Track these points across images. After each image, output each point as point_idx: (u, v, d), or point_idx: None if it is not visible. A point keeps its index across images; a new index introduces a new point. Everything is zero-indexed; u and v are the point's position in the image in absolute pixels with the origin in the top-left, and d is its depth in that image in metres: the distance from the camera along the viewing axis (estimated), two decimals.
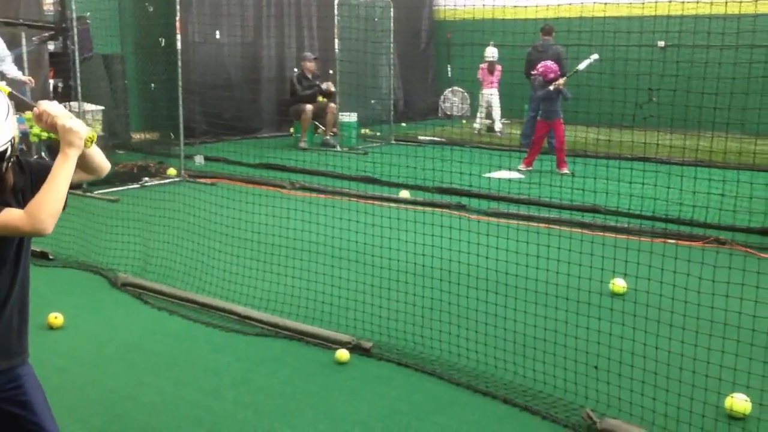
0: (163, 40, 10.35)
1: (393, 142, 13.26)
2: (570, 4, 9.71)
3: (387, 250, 5.72)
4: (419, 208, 7.79)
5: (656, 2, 6.61)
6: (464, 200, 8.35)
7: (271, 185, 9.23)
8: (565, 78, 10.13)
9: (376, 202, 8.08)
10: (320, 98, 12.82)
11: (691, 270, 4.46)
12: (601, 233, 6.73)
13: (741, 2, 5.13)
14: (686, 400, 3.65)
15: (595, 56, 10.00)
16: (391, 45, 13.73)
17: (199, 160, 10.75)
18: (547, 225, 7.10)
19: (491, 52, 14.17)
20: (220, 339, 4.68)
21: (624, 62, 8.40)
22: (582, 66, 10.02)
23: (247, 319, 4.88)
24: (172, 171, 9.89)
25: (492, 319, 4.60)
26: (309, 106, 12.56)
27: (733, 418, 3.62)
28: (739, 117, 7.18)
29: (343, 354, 4.30)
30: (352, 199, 8.28)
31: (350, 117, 12.72)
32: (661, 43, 13.95)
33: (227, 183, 9.32)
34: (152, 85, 11.45)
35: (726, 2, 5.18)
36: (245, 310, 4.99)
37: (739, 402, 3.62)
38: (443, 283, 5.12)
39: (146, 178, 9.59)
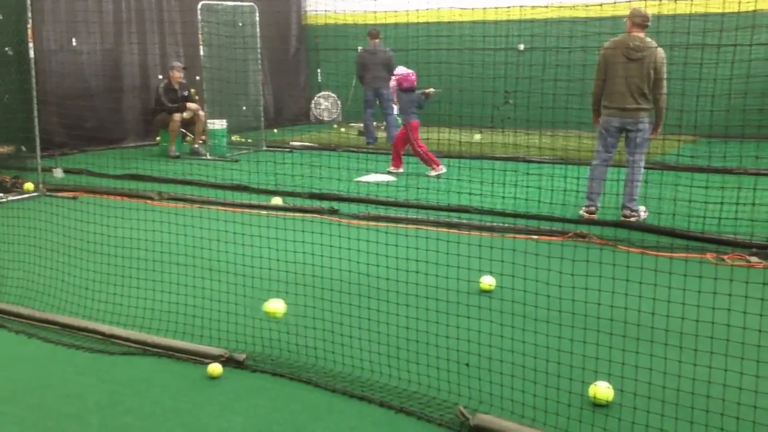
0: (10, 49, 9.78)
1: (264, 148, 13.12)
2: (432, 9, 9.92)
3: (259, 259, 5.63)
4: (292, 214, 7.74)
5: (508, 7, 6.83)
6: (336, 205, 8.35)
7: (138, 197, 8.92)
8: (429, 91, 10.32)
9: (247, 211, 7.96)
10: (188, 106, 12.53)
11: (554, 264, 4.63)
12: (471, 233, 6.91)
13: (588, 6, 5.37)
14: (553, 390, 3.77)
15: (436, 90, 10.27)
16: (259, 50, 13.58)
17: (58, 173, 10.26)
18: (417, 226, 7.20)
19: None
20: (84, 361, 4.46)
21: (483, 66, 8.65)
22: (430, 90, 10.29)
23: (112, 338, 4.68)
24: (29, 186, 9.38)
25: (366, 323, 4.61)
26: (177, 115, 12.26)
27: (597, 405, 3.76)
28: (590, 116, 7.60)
29: (215, 368, 4.20)
30: (222, 208, 8.12)
31: (219, 124, 12.48)
32: (522, 47, 14.52)
33: (90, 196, 8.93)
34: (6, 96, 10.82)
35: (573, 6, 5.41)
36: (110, 328, 4.78)
37: (602, 390, 3.78)
38: (316, 289, 5.09)
39: (0, 194, 9.04)
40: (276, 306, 4.71)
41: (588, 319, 4.28)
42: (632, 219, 7.40)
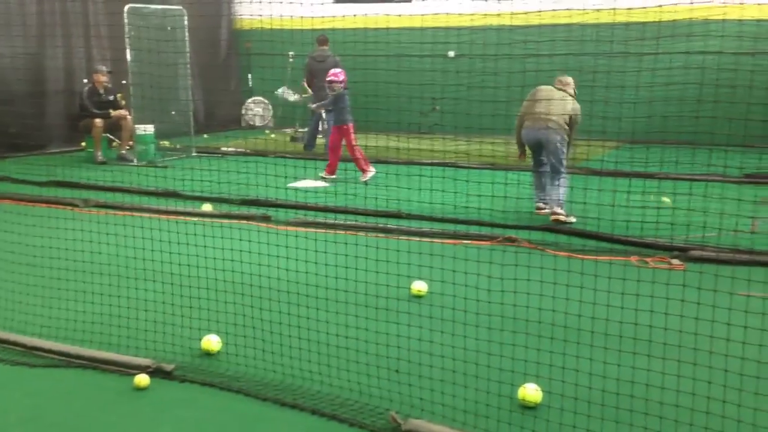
0: None
1: (194, 154, 12.92)
2: (365, 15, 9.96)
3: (188, 267, 5.53)
4: (223, 221, 7.64)
5: (431, 14, 6.90)
6: (269, 211, 8.28)
7: (62, 204, 8.67)
8: (324, 103, 10.34)
9: (177, 217, 7.82)
10: (114, 111, 12.26)
11: (484, 269, 4.68)
12: (402, 238, 6.94)
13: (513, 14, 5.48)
14: (483, 393, 3.82)
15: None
16: (188, 54, 13.38)
17: None
18: (350, 232, 7.20)
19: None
20: (5, 374, 4.31)
21: (411, 72, 8.73)
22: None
23: (34, 350, 4.53)
24: None
25: (297, 330, 4.58)
26: (99, 120, 11.96)
27: (526, 407, 3.82)
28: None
29: (142, 379, 4.11)
30: (150, 215, 7.96)
31: (147, 129, 12.24)
32: (452, 53, 14.68)
33: (11, 204, 8.65)
34: None
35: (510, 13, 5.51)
36: (32, 340, 4.63)
37: (530, 392, 3.84)
38: (246, 297, 5.04)
39: None
40: (210, 341, 4.62)
41: (517, 322, 4.35)
42: (560, 220, 7.61)
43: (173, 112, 13.33)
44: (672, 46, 10.82)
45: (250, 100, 17.13)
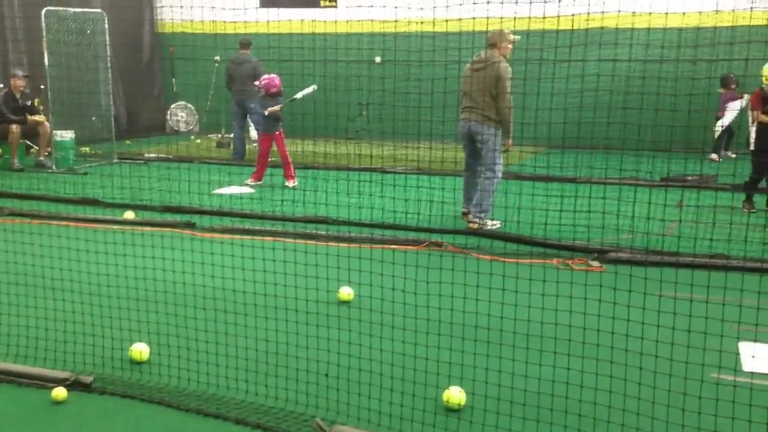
0: None
1: (116, 160, 12.63)
2: (289, 20, 9.94)
3: (108, 277, 5.40)
4: (145, 228, 7.49)
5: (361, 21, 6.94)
6: (193, 218, 8.16)
7: None
8: (281, 105, 10.28)
9: (97, 226, 7.62)
10: (31, 117, 11.88)
11: (410, 273, 4.72)
12: (329, 243, 6.94)
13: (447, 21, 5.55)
14: (408, 397, 3.85)
15: (313, 87, 10.31)
16: (109, 58, 13.08)
17: None
18: (276, 239, 7.14)
19: None
20: None
21: (337, 78, 8.74)
22: (299, 95, 10.27)
23: None
24: None
25: (223, 338, 4.53)
26: (15, 126, 11.57)
27: (451, 410, 3.86)
28: (450, 128, 7.81)
29: (60, 392, 3.98)
30: (69, 223, 7.75)
31: (66, 135, 11.90)
32: (378, 59, 14.75)
33: None
34: None
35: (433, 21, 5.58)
36: None
37: (454, 394, 3.88)
38: (169, 305, 4.96)
39: None
40: (141, 349, 4.52)
41: (442, 325, 4.38)
42: (474, 225, 7.67)
43: (93, 118, 13.01)
44: (587, 53, 11.13)
45: (174, 105, 16.86)
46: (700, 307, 4.07)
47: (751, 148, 8.66)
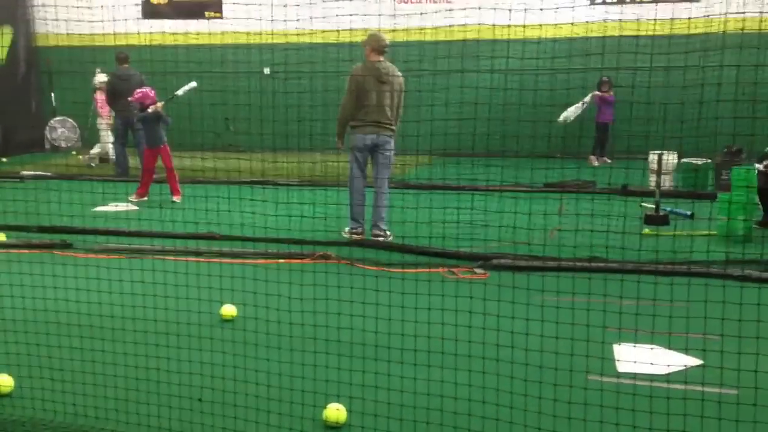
0: None
1: None
2: (174, 32, 9.70)
3: None
4: (19, 251, 7.14)
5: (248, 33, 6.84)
6: (71, 238, 7.82)
7: None
8: (163, 102, 10.04)
9: None
10: None
11: (295, 289, 4.62)
12: (216, 260, 6.76)
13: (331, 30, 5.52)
14: (287, 417, 3.77)
15: (194, 83, 10.12)
16: None
17: None
18: (160, 257, 6.92)
19: (102, 79, 13.56)
20: None
21: (225, 92, 8.59)
22: (180, 92, 10.06)
23: None
24: None
25: (93, 366, 4.33)
26: None
27: (330, 428, 3.81)
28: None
29: None
30: None
31: None
32: (267, 70, 14.61)
33: None
34: None
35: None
36: None
37: (333, 412, 3.83)
38: (40, 334, 4.70)
39: None
40: (3, 381, 4.26)
41: (322, 342, 4.34)
42: (380, 239, 7.69)
43: None
44: (476, 64, 11.38)
45: (54, 120, 16.17)
46: (580, 313, 4.16)
47: None
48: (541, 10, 6.80)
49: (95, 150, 14.08)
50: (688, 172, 10.69)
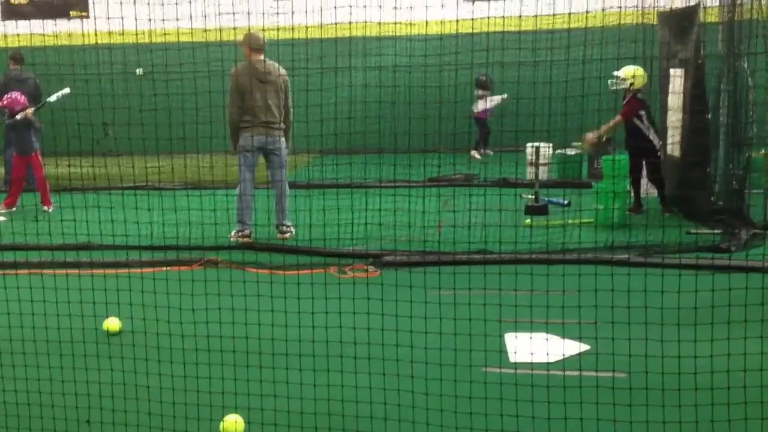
0: None
1: None
2: (42, 33, 9.20)
3: None
4: None
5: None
6: None
7: None
8: (33, 109, 9.52)
9: None
10: None
11: (186, 299, 4.43)
12: (95, 271, 6.40)
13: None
14: None
15: (67, 90, 9.64)
16: None
17: None
18: (34, 271, 6.48)
19: None
20: None
21: (102, 95, 8.20)
22: (53, 98, 9.58)
23: None
24: None
25: None
26: None
27: None
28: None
29: None
30: None
31: None
32: (140, 71, 14.08)
33: None
34: None
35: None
36: None
37: (231, 424, 3.70)
38: None
39: None
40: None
41: (215, 353, 4.17)
42: (287, 235, 7.72)
43: None
44: (354, 62, 11.30)
45: None
46: (477, 308, 4.18)
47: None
48: (426, 7, 6.82)
49: None
50: (562, 163, 10.99)
